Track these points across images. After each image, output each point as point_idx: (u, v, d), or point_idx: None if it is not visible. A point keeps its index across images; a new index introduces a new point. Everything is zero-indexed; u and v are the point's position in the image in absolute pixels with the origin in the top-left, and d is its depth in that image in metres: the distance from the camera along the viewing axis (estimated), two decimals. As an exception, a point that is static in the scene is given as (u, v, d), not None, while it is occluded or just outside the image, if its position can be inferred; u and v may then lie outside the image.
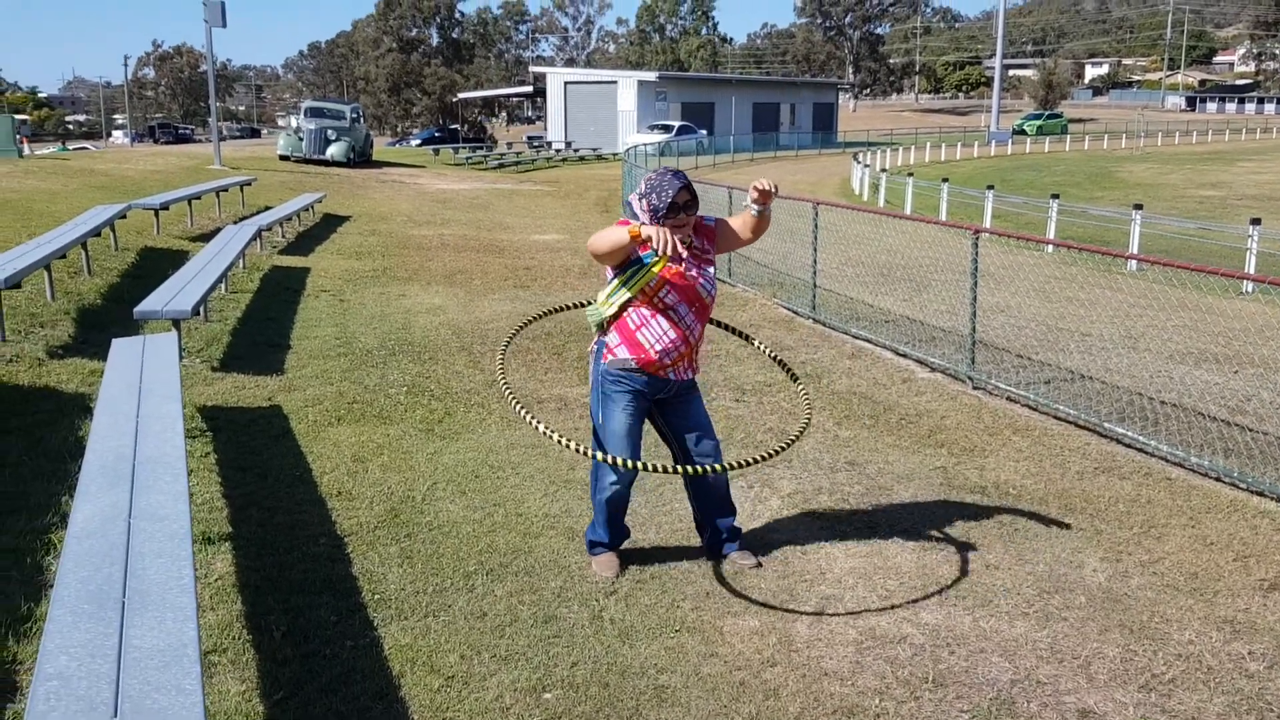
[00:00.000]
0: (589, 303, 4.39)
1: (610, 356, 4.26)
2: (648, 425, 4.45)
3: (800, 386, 4.64)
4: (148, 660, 2.67)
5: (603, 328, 4.27)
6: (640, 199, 4.18)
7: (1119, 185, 31.07)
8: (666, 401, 4.38)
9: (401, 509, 5.09)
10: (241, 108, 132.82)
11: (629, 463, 4.01)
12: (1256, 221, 12.94)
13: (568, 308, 4.91)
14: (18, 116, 24.48)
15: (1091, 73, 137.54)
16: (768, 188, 4.13)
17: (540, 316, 4.84)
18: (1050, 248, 14.66)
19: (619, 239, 3.99)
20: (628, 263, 4.18)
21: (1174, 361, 8.35)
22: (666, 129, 45.73)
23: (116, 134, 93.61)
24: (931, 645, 3.88)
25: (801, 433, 4.26)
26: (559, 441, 3.88)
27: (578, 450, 3.89)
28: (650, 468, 3.98)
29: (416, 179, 29.60)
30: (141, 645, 2.73)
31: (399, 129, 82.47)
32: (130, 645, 2.73)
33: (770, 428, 6.54)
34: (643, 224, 4.01)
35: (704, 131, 47.36)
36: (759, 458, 4.08)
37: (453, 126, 65.51)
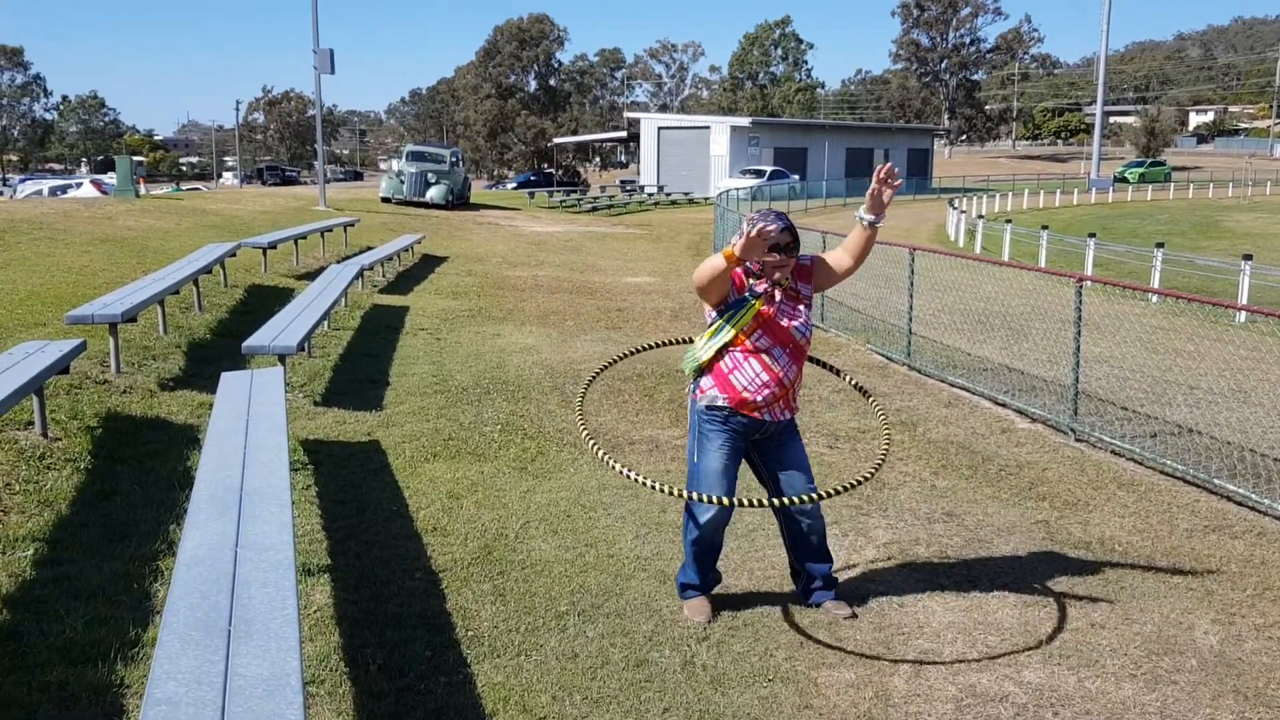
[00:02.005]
0: (683, 341, 4.39)
1: (702, 394, 4.26)
2: (744, 470, 4.42)
3: (875, 403, 4.61)
4: (252, 689, 2.71)
5: (699, 372, 4.27)
6: (743, 238, 4.19)
7: (1226, 235, 30.16)
8: (764, 442, 4.35)
9: (495, 546, 5.13)
10: (346, 151, 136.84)
11: (720, 499, 4.00)
12: (1376, 273, 12.44)
13: (650, 346, 4.92)
14: (135, 158, 25.50)
15: (1196, 120, 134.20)
16: (891, 171, 4.08)
17: (623, 358, 4.81)
18: (1155, 298, 14.26)
19: (717, 264, 4.01)
20: (730, 303, 4.19)
21: (1289, 417, 8.03)
22: (758, 174, 45.81)
23: (226, 175, 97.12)
24: (1034, 705, 3.76)
25: (886, 453, 4.23)
26: (643, 484, 3.89)
27: (663, 491, 3.90)
28: (741, 503, 3.96)
29: (512, 221, 30.09)
30: (246, 674, 2.79)
31: (495, 173, 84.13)
32: (235, 673, 2.79)
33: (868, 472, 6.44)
34: (732, 245, 3.99)
35: (796, 176, 47.33)
36: (851, 484, 4.05)
37: (548, 171, 66.56)
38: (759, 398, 4.18)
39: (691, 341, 4.38)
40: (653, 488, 3.90)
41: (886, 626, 4.36)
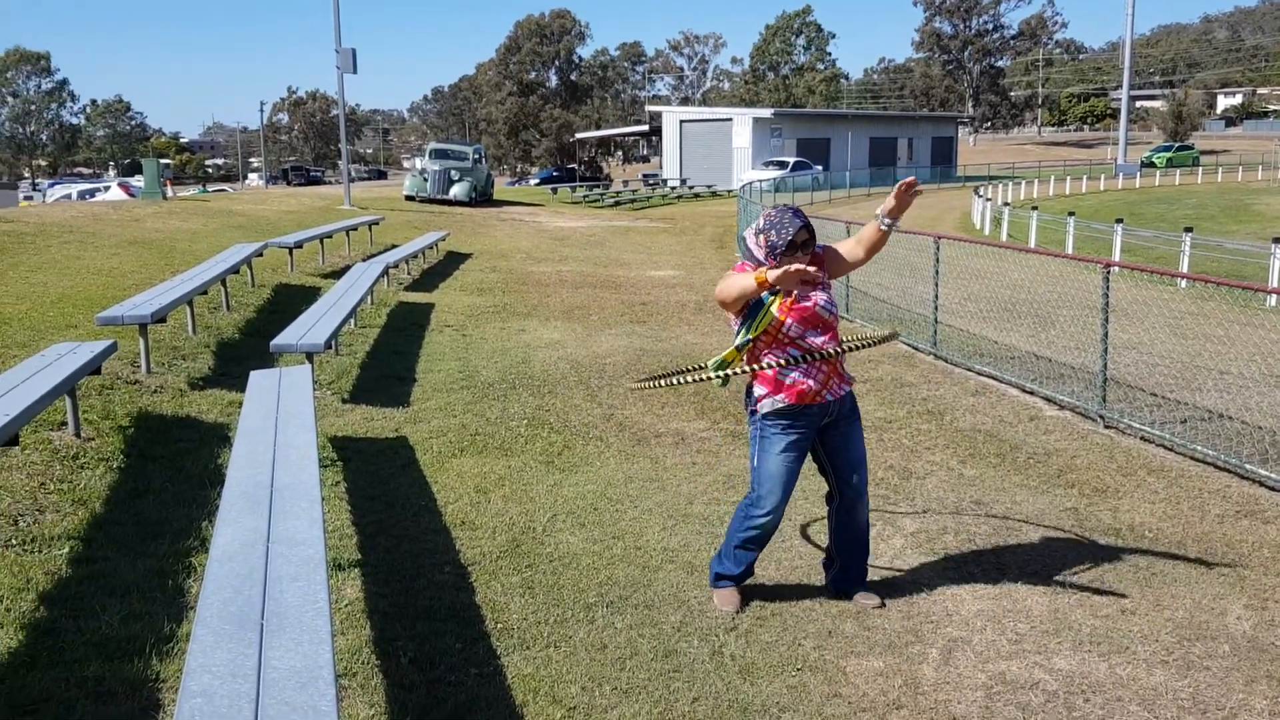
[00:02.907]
0: (717, 376, 4.27)
1: (762, 404, 4.23)
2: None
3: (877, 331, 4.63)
4: (285, 681, 2.75)
5: (722, 367, 4.23)
6: (758, 234, 4.18)
7: (1255, 218, 29.81)
8: (830, 427, 4.33)
9: (523, 539, 5.15)
10: (369, 150, 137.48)
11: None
12: None
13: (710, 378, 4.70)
14: (162, 161, 25.70)
15: (1224, 103, 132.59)
16: (910, 184, 4.08)
17: (687, 382, 4.59)
18: (1184, 282, 14.13)
19: (746, 286, 4.00)
20: (749, 306, 4.18)
21: (1322, 401, 7.94)
22: (781, 165, 45.65)
23: (252, 176, 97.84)
24: (1065, 692, 3.75)
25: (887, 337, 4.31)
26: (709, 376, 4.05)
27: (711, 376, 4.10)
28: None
29: (535, 217, 30.15)
30: (279, 666, 2.82)
31: (518, 169, 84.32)
32: (269, 666, 2.82)
33: (891, 464, 6.43)
34: (768, 269, 3.98)
35: (819, 167, 47.15)
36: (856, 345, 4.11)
37: (570, 166, 66.66)
38: (812, 382, 4.16)
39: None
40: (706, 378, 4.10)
41: (915, 615, 4.35)
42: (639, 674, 3.86)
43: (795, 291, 4.15)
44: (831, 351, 4.11)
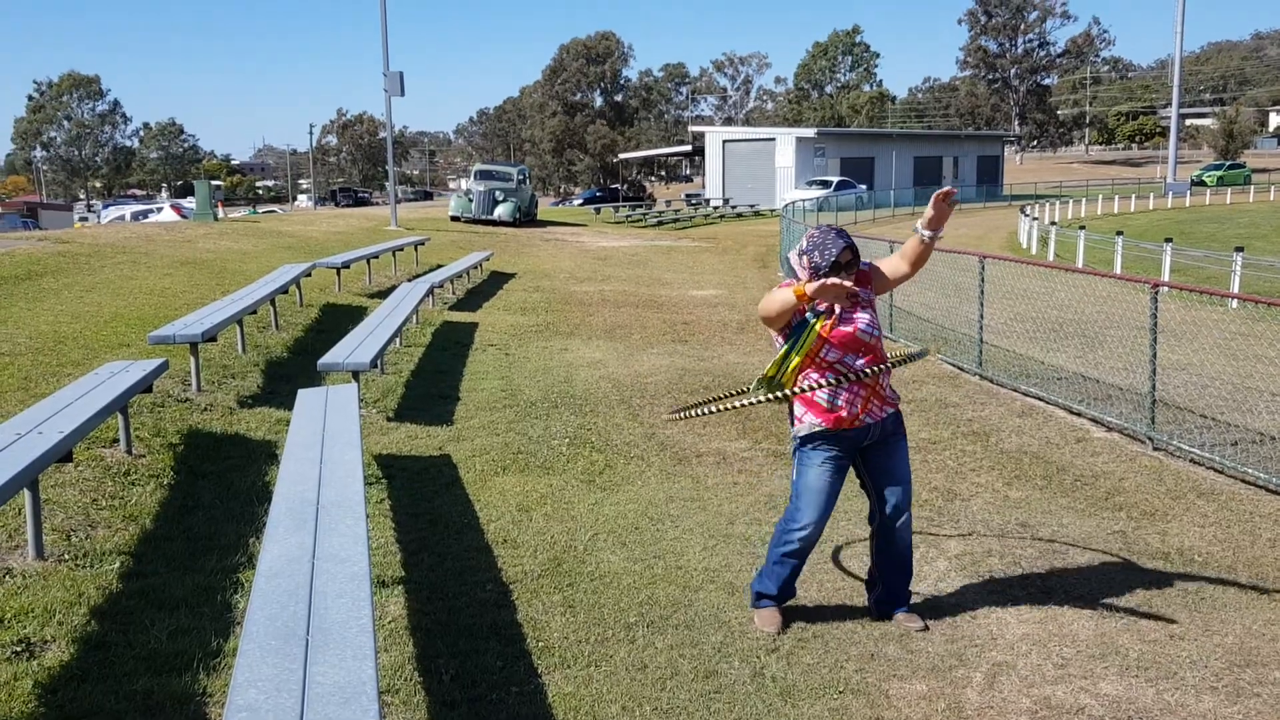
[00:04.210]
0: (764, 398, 4.28)
1: (799, 424, 4.25)
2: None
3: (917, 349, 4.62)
4: (329, 696, 2.78)
5: (771, 385, 4.24)
6: (801, 255, 4.19)
7: (1311, 237, 29.27)
8: (872, 448, 4.32)
9: (564, 558, 5.17)
10: (416, 172, 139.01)
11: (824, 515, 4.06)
12: None
13: (748, 404, 4.70)
14: (213, 183, 26.19)
15: (1276, 120, 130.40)
16: (949, 194, 4.07)
17: (720, 410, 4.57)
18: (1235, 303, 13.90)
19: (786, 300, 4.02)
20: (793, 325, 4.18)
21: (1378, 424, 7.77)
22: (825, 184, 45.55)
23: (301, 198, 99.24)
24: (1111, 718, 3.69)
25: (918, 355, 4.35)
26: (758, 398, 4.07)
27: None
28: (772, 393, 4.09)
29: (578, 237, 30.30)
30: (324, 681, 2.85)
31: (562, 189, 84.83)
32: (314, 681, 2.85)
33: (936, 486, 6.38)
34: (805, 282, 4.01)
35: (863, 186, 46.98)
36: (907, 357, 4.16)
37: (613, 186, 66.94)
38: (852, 408, 4.16)
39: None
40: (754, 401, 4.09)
41: (959, 639, 4.31)
42: (679, 694, 3.85)
43: (838, 311, 4.15)
44: (869, 371, 4.11)
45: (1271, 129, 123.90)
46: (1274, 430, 7.53)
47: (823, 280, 3.90)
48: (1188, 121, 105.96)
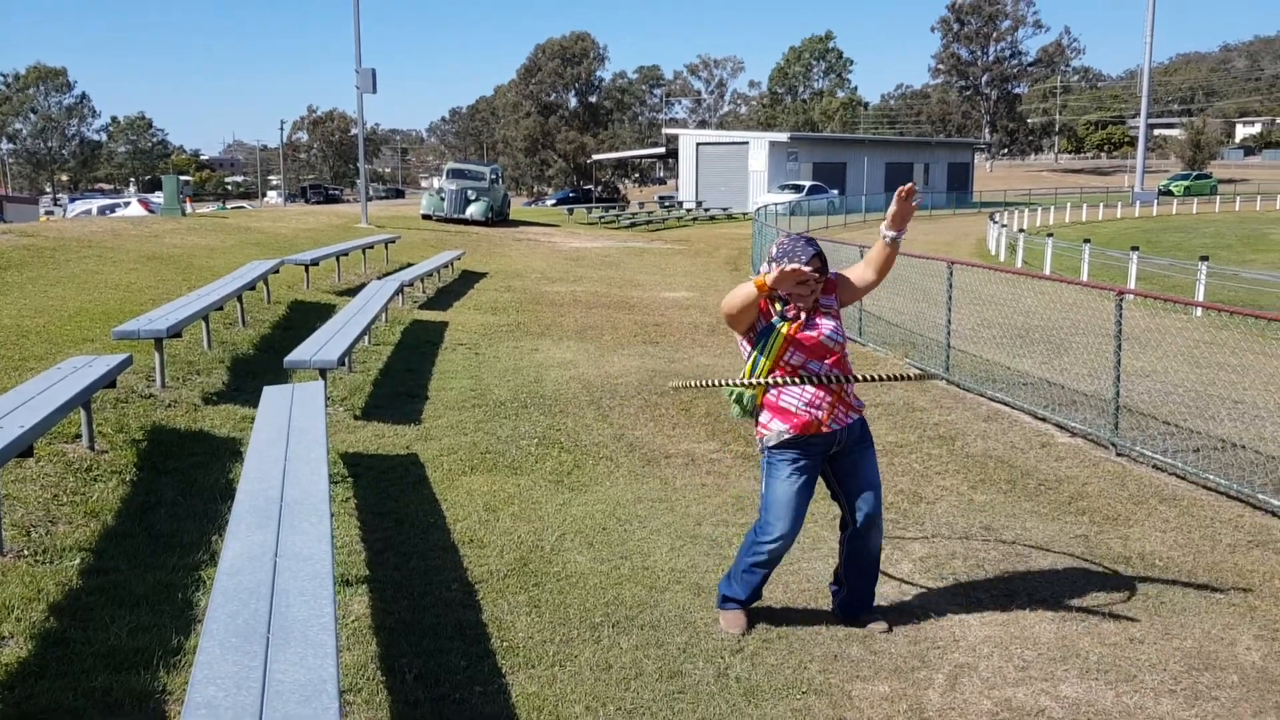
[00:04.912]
0: (726, 383, 4.33)
1: (765, 432, 4.25)
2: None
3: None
4: (290, 694, 2.76)
5: (742, 403, 4.26)
6: (771, 262, 4.20)
7: (1274, 248, 29.70)
8: (839, 456, 4.33)
9: (530, 558, 5.16)
10: (387, 170, 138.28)
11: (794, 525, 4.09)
12: None
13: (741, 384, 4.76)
14: (182, 178, 25.95)
15: (1243, 132, 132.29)
16: (911, 191, 4.09)
17: (718, 384, 4.62)
18: (1199, 311, 14.08)
19: (748, 292, 4.03)
20: (760, 330, 4.19)
21: (1336, 432, 7.89)
22: (797, 189, 45.75)
23: (271, 194, 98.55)
24: (1071, 720, 3.73)
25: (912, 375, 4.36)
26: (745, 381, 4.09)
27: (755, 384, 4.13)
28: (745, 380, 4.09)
29: (551, 237, 30.26)
30: (284, 679, 2.83)
31: (535, 189, 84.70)
32: (274, 679, 2.83)
33: (902, 489, 6.42)
34: (764, 274, 4.03)
35: (835, 191, 47.22)
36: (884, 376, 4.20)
37: (587, 187, 66.92)
38: (817, 411, 4.17)
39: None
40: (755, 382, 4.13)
41: (922, 640, 4.34)
42: (643, 694, 3.86)
43: (804, 318, 4.16)
44: (834, 376, 4.12)
45: (1238, 140, 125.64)
46: (1236, 437, 7.62)
47: (780, 268, 3.92)
48: (1156, 132, 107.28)
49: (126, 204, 42.27)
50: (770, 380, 4.15)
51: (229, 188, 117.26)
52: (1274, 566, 5.24)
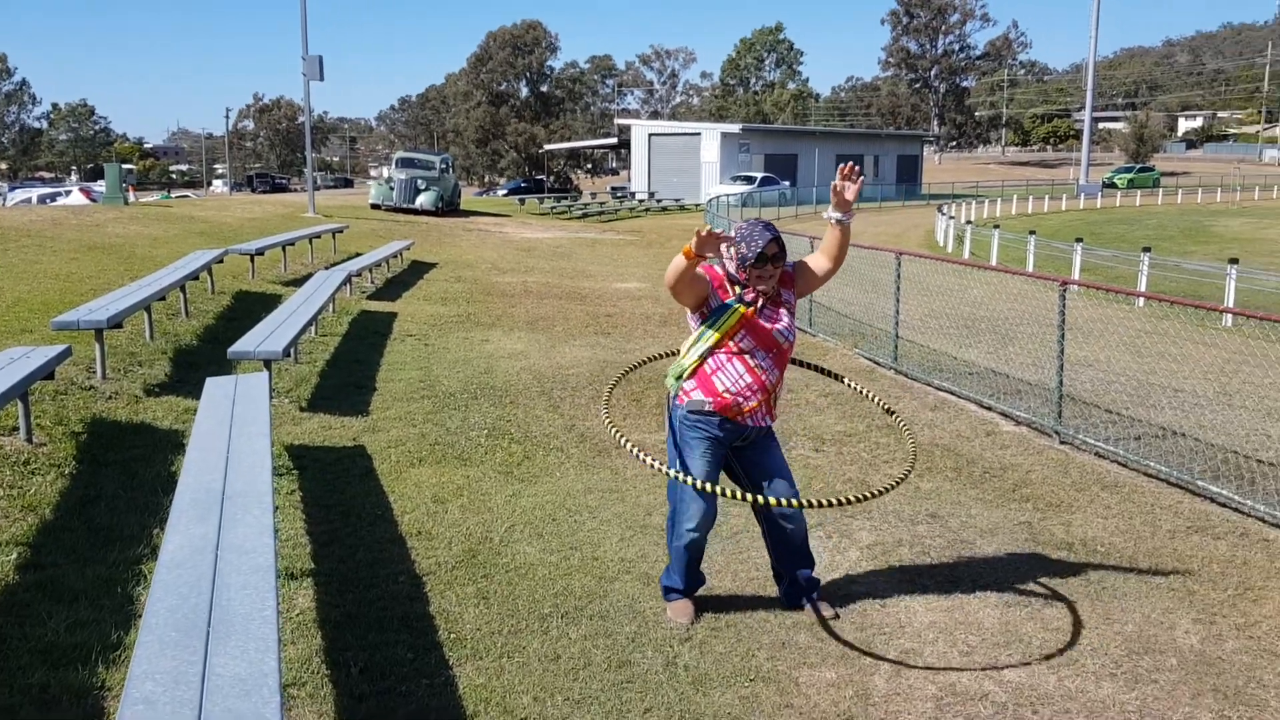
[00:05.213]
0: (678, 352, 4.41)
1: (686, 399, 4.26)
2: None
3: (901, 422, 4.64)
4: (230, 688, 2.72)
5: (680, 378, 4.28)
6: (729, 248, 4.21)
7: (1214, 240, 30.30)
8: (744, 449, 4.37)
9: (479, 550, 5.13)
10: (336, 158, 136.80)
11: (721, 489, 3.98)
12: (1360, 277, 12.50)
13: (663, 355, 4.93)
14: (124, 166, 25.49)
15: (1185, 125, 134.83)
16: (854, 171, 4.11)
17: (640, 365, 4.82)
18: (1141, 301, 14.32)
19: (678, 263, 4.05)
20: (712, 309, 4.20)
21: (1272, 419, 8.07)
22: (749, 180, 45.90)
23: (216, 183, 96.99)
24: (1014, 704, 3.78)
25: (909, 472, 4.27)
26: (655, 467, 3.95)
27: (677, 475, 3.98)
28: (731, 494, 3.95)
29: (502, 228, 30.11)
30: (224, 674, 2.79)
31: (486, 179, 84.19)
32: (213, 673, 2.79)
33: (850, 478, 6.47)
34: (693, 245, 4.01)
35: (786, 182, 47.45)
36: (841, 500, 4.03)
37: (539, 177, 66.63)
38: (741, 400, 4.19)
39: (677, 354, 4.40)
40: (668, 473, 4.01)
41: (868, 626, 4.37)
42: (592, 685, 3.85)
43: (763, 307, 4.18)
44: (771, 382, 4.17)
45: (1180, 134, 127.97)
46: (1176, 425, 7.77)
47: (696, 234, 3.93)
48: (1100, 125, 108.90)
49: (68, 193, 41.43)
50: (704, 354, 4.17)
51: (173, 177, 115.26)
52: (1211, 551, 5.35)
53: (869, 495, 4.05)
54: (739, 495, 3.98)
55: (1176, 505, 6.09)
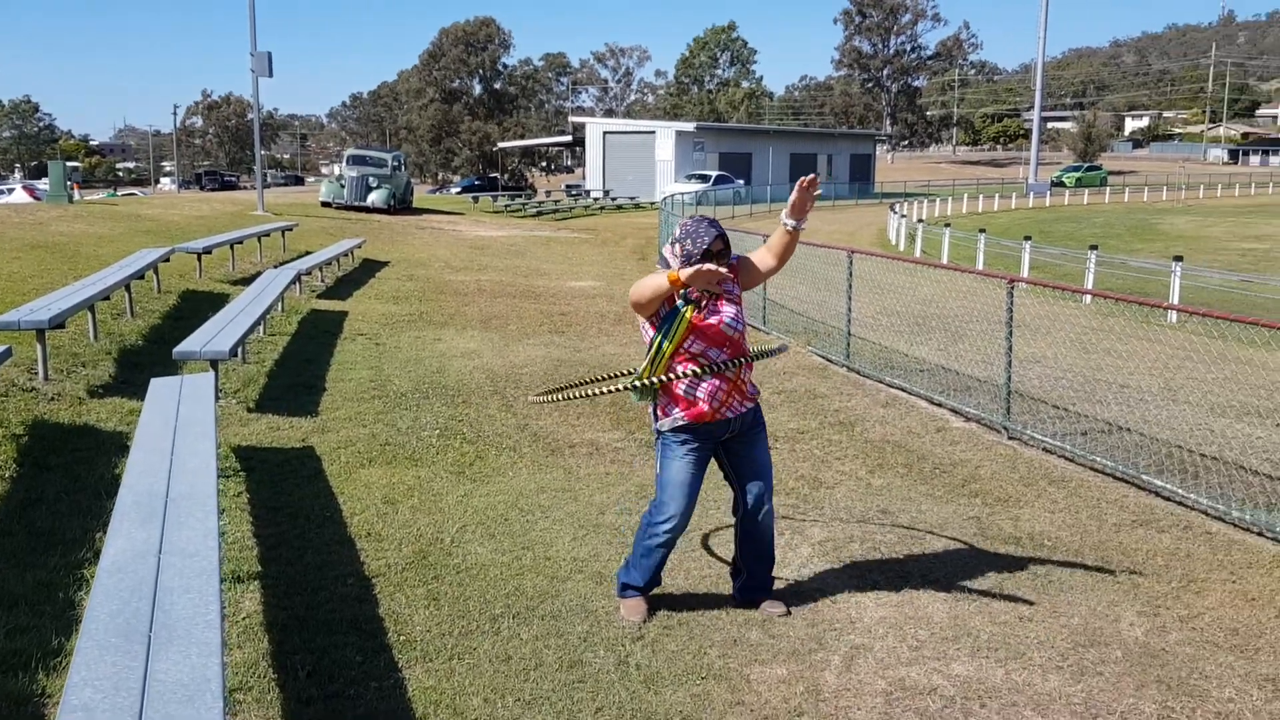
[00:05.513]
0: (628, 372, 4.38)
1: (663, 417, 4.26)
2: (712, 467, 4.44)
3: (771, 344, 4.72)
4: (171, 694, 2.67)
5: (642, 391, 4.24)
6: (675, 244, 4.20)
7: (1160, 237, 30.83)
8: (732, 442, 4.36)
9: (430, 551, 5.09)
10: (286, 156, 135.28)
11: (689, 504, 4.07)
12: (1299, 274, 12.77)
13: (618, 375, 4.82)
14: (69, 164, 25.00)
15: (1131, 125, 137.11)
16: (813, 182, 4.13)
17: (586, 396, 4.66)
18: (1088, 298, 14.54)
19: (659, 285, 4.02)
20: (663, 314, 4.19)
21: (1215, 414, 8.23)
22: (704, 179, 46.01)
23: (164, 181, 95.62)
24: (962, 698, 3.81)
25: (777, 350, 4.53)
26: (624, 385, 4.05)
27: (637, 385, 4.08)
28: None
29: (455, 226, 29.93)
30: (165, 679, 2.74)
31: (440, 177, 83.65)
32: (154, 679, 2.74)
33: (802, 475, 6.50)
34: (680, 268, 4.03)
35: (741, 181, 47.62)
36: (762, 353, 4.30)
37: (493, 175, 66.33)
38: (713, 400, 4.19)
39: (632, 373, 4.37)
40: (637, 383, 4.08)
41: (819, 623, 4.39)
42: (543, 685, 3.83)
43: (706, 304, 4.18)
44: (731, 364, 4.14)
45: (1127, 133, 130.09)
46: (1121, 420, 7.89)
47: (697, 266, 3.93)
48: (1049, 124, 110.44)
49: (10, 191, 40.64)
50: (666, 377, 4.14)
51: (120, 174, 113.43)
52: (1156, 544, 5.44)
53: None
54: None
55: (1122, 499, 6.19)
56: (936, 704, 3.76)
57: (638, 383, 4.15)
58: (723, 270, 3.93)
